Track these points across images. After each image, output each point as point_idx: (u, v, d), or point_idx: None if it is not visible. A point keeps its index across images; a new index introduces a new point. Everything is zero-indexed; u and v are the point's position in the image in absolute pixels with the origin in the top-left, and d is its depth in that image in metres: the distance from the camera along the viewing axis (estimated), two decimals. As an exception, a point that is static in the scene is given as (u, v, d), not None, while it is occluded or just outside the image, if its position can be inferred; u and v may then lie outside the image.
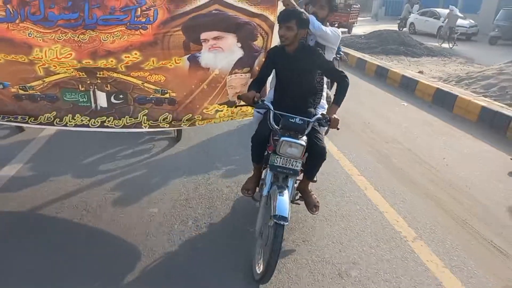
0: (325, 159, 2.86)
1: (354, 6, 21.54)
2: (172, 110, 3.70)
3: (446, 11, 18.05)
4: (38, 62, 3.36)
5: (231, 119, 3.91)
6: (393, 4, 34.13)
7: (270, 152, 2.87)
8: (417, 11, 21.63)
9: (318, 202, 3.15)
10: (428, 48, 15.10)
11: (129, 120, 3.70)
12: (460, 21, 17.85)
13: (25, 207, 3.85)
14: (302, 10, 3.19)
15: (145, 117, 3.70)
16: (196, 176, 4.59)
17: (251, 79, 3.43)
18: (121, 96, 3.66)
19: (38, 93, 3.60)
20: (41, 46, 3.25)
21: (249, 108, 3.65)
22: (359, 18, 23.58)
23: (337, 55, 6.04)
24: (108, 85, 3.60)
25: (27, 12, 3.10)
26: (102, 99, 3.65)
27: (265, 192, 2.71)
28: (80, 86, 3.59)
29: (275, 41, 3.52)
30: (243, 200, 3.92)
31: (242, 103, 3.25)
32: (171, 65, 3.49)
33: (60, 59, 3.31)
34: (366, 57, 12.42)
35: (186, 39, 3.39)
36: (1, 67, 3.39)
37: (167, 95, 3.66)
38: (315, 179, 3.21)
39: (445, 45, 16.74)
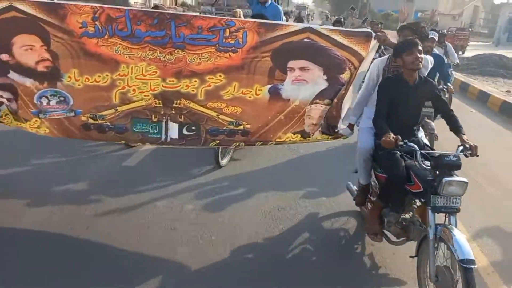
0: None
1: (460, 30, 20.98)
2: (245, 140, 3.56)
3: None
4: (119, 85, 3.21)
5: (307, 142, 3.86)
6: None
7: (415, 191, 2.83)
8: None
9: None
10: None
11: (200, 148, 3.65)
12: None
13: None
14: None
15: (215, 145, 3.64)
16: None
17: (376, 120, 3.13)
18: (193, 127, 3.44)
19: (108, 123, 3.36)
20: (127, 62, 3.14)
21: (321, 136, 3.70)
22: (475, 43, 23.40)
23: (444, 86, 5.69)
24: (182, 116, 3.38)
25: (114, 28, 3.07)
26: (173, 131, 3.43)
27: (431, 235, 2.63)
28: (153, 116, 3.37)
29: (360, 75, 3.39)
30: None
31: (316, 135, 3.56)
32: (250, 97, 3.32)
33: (146, 76, 3.17)
34: (457, 74, 11.73)
35: (273, 65, 3.25)
36: (78, 93, 3.23)
37: (241, 127, 3.45)
38: None
39: None
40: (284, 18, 6.39)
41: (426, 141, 3.29)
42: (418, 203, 3.03)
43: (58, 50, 3.08)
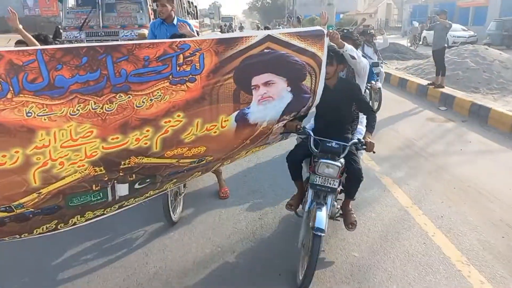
0: (361, 179, 3.14)
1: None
2: (204, 169, 3.12)
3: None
4: (37, 161, 2.17)
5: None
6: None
7: (310, 172, 3.12)
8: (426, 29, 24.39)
9: (355, 221, 3.40)
10: (417, 53, 18.58)
11: (153, 193, 2.95)
12: (462, 33, 23.67)
13: None
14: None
15: (172, 185, 3.04)
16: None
17: None
18: (148, 180, 2.72)
19: (31, 209, 2.33)
20: (47, 127, 2.12)
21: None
22: (388, 36, 26.02)
23: (368, 85, 5.69)
24: (133, 175, 2.59)
25: (22, 80, 2.00)
26: (122, 189, 2.63)
27: (306, 208, 3.01)
28: (94, 186, 2.47)
29: (322, 80, 3.07)
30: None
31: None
32: (215, 132, 2.71)
33: (77, 140, 2.22)
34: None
35: (237, 87, 2.66)
36: None
37: (203, 162, 2.90)
38: (354, 198, 3.49)
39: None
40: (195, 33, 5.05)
41: (360, 137, 3.44)
42: None
43: None
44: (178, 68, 2.38)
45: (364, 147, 3.01)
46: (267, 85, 2.80)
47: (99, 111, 2.21)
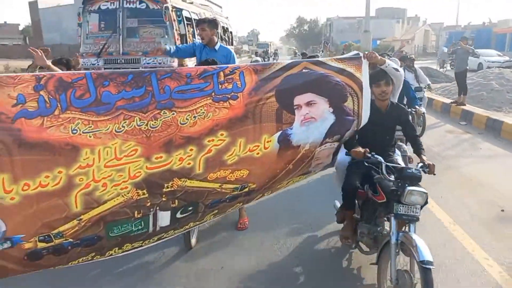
0: (427, 203, 2.90)
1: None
2: (246, 199, 2.92)
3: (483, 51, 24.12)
4: (80, 183, 2.07)
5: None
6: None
7: (380, 201, 2.95)
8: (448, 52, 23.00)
9: None
10: (448, 77, 16.40)
11: (193, 224, 2.83)
12: (497, 58, 23.97)
13: None
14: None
15: (212, 216, 2.84)
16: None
17: (347, 141, 3.16)
18: (190, 208, 2.56)
19: (70, 240, 2.18)
20: (92, 145, 2.05)
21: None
22: (423, 61, 24.96)
23: (413, 110, 5.64)
24: (176, 200, 2.45)
25: (70, 97, 1.97)
26: (164, 219, 2.48)
27: (393, 240, 2.77)
28: (136, 213, 2.34)
29: (366, 102, 3.03)
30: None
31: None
32: (258, 153, 2.61)
33: (121, 159, 2.13)
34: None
35: (280, 105, 2.61)
36: (12, 211, 1.98)
37: (245, 190, 2.73)
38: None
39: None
40: (237, 61, 5.16)
41: (402, 163, 3.34)
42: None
43: None
44: (220, 86, 2.36)
45: (427, 169, 2.93)
46: (309, 105, 2.74)
47: (144, 127, 2.15)
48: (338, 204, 3.74)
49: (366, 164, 2.94)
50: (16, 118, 1.86)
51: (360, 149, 2.95)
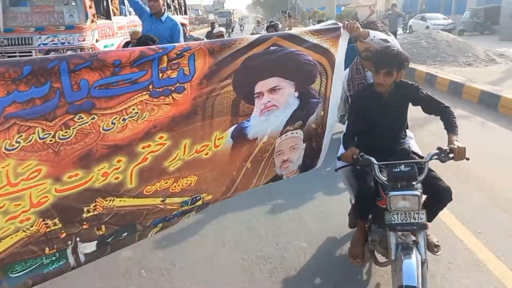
0: (451, 199, 2.42)
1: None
2: (198, 210, 2.33)
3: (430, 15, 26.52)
4: None
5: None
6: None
7: (383, 206, 2.41)
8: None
9: (437, 241, 2.69)
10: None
11: (133, 242, 2.17)
12: (441, 21, 25.33)
13: None
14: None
15: (156, 231, 2.23)
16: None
17: (344, 136, 2.60)
18: (124, 234, 2.00)
19: None
20: None
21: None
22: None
23: None
24: (103, 227, 1.88)
25: None
26: (88, 249, 1.90)
27: (392, 256, 2.30)
28: (47, 249, 1.75)
29: (337, 85, 2.57)
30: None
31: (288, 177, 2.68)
32: (207, 154, 2.07)
33: (16, 184, 1.51)
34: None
35: (237, 95, 2.05)
36: None
37: (199, 203, 2.21)
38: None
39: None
40: (181, 38, 4.32)
41: (416, 148, 2.77)
42: None
43: None
44: (160, 75, 1.73)
45: (451, 155, 2.27)
46: (273, 91, 2.21)
47: (50, 141, 1.52)
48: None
49: (359, 168, 2.46)
50: None
51: (349, 151, 2.42)
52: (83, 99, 1.54)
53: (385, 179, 2.32)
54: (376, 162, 2.35)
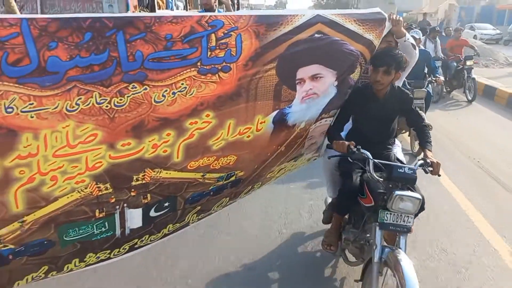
0: (423, 209, 2.44)
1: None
2: (233, 192, 2.48)
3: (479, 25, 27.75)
4: (19, 177, 1.58)
5: (286, 172, 3.00)
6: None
7: (367, 205, 2.48)
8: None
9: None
10: None
11: (173, 227, 2.32)
12: (490, 31, 26.38)
13: None
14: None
15: (195, 215, 2.35)
16: None
17: (330, 128, 2.72)
18: (166, 204, 2.10)
19: (10, 246, 1.70)
20: (35, 129, 1.53)
21: (311, 156, 3.03)
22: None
23: (433, 78, 5.68)
24: (148, 195, 1.98)
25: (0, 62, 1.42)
26: (134, 219, 2.02)
27: (376, 258, 2.28)
28: (97, 211, 1.86)
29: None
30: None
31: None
32: (249, 137, 2.15)
33: (75, 146, 1.63)
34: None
35: (280, 80, 2.11)
36: None
37: (232, 178, 2.30)
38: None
39: None
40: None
41: (401, 156, 2.85)
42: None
43: None
44: (209, 54, 1.83)
45: (430, 169, 2.41)
46: (314, 79, 2.26)
47: (106, 106, 1.64)
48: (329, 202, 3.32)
49: (351, 160, 2.48)
50: None
51: (342, 142, 2.45)
52: (137, 70, 1.66)
53: (378, 178, 2.34)
54: (372, 158, 2.38)
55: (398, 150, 2.91)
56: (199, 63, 1.80)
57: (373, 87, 2.57)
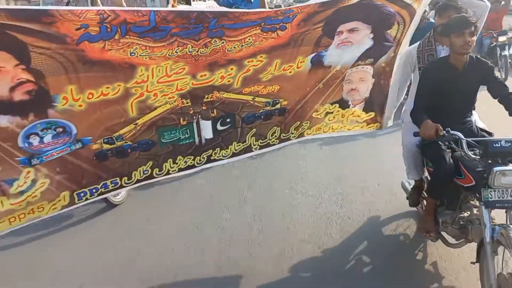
0: None
1: None
2: (281, 121, 3.03)
3: None
4: (135, 93, 2.38)
5: (342, 129, 3.27)
6: None
7: (466, 185, 2.39)
8: None
9: None
10: None
11: (237, 146, 2.96)
12: None
13: None
14: None
15: (254, 138, 3.00)
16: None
17: (413, 111, 2.72)
18: (228, 120, 2.84)
19: (129, 142, 2.55)
20: (147, 64, 2.31)
21: (360, 113, 3.22)
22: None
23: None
24: (214, 110, 2.75)
25: (129, 26, 2.14)
26: (207, 129, 2.78)
27: (488, 238, 2.20)
28: (181, 119, 2.66)
29: (410, 32, 2.91)
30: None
31: (355, 109, 3.16)
32: (290, 72, 2.79)
33: (171, 76, 2.41)
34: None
35: (322, 34, 2.69)
36: (81, 116, 2.31)
37: (278, 106, 2.93)
38: None
39: None
40: None
41: (481, 124, 2.84)
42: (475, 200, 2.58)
43: (43, 66, 2.08)
44: (272, 17, 2.45)
45: None
46: (351, 31, 2.77)
47: (194, 53, 2.37)
48: (408, 185, 3.35)
49: (440, 143, 2.47)
50: (79, 41, 2.07)
51: (429, 123, 2.41)
52: (218, 28, 2.34)
53: (474, 157, 2.32)
54: (464, 138, 2.35)
55: (476, 118, 2.89)
56: (262, 24, 2.46)
57: (451, 59, 2.58)
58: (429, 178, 2.94)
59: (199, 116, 2.69)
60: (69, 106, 2.24)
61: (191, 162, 2.81)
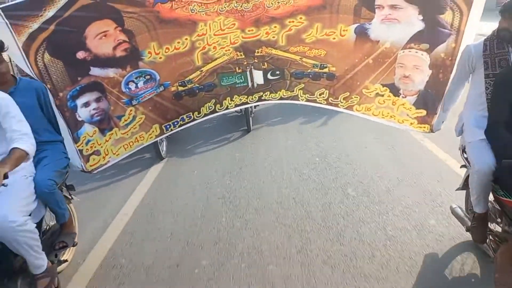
0: None
1: None
2: (330, 85, 3.34)
3: None
4: (199, 46, 3.14)
5: (392, 119, 3.23)
6: None
7: None
8: None
9: None
10: None
11: (285, 92, 3.48)
12: None
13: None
14: None
15: (301, 91, 3.45)
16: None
17: (492, 130, 2.28)
18: (277, 72, 3.40)
19: (197, 85, 3.35)
20: (205, 20, 3.04)
21: (410, 106, 3.12)
22: None
23: None
24: (265, 63, 3.35)
25: None
26: (258, 77, 3.41)
27: None
28: (237, 68, 3.35)
29: (473, 22, 2.74)
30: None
31: (405, 100, 3.11)
32: (334, 38, 3.12)
33: (224, 30, 3.09)
34: None
35: (359, 2, 2.95)
36: (161, 66, 3.16)
37: (326, 70, 3.28)
38: None
39: None
40: None
41: None
42: None
43: (133, 27, 2.95)
44: None
45: None
46: (393, 8, 2.86)
47: (239, 8, 3.01)
48: (461, 212, 2.85)
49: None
50: (155, 3, 2.88)
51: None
52: None
53: None
54: None
55: None
56: None
57: None
58: (495, 206, 2.46)
59: (252, 67, 3.34)
60: (152, 59, 3.10)
61: (245, 100, 3.49)
